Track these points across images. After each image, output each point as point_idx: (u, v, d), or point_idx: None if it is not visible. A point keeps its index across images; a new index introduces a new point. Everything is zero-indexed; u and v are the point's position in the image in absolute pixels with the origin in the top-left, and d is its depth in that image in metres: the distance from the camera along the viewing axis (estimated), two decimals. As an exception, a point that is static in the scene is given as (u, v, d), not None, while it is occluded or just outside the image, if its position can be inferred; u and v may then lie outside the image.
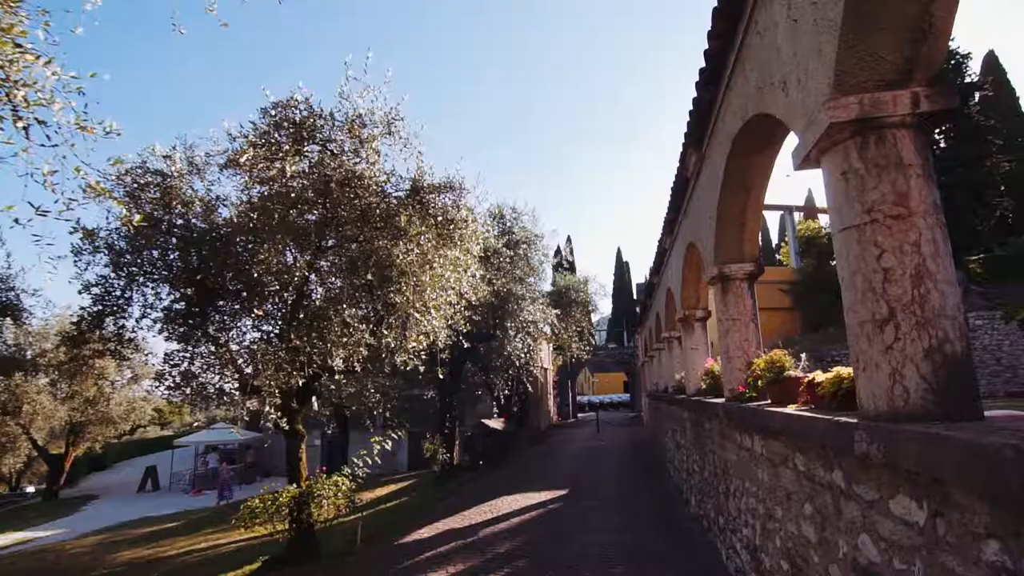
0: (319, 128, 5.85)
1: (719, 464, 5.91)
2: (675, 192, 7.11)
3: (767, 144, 4.35)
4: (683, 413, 8.77)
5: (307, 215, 6.40)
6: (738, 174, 4.77)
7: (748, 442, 4.50)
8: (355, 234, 6.57)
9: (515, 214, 13.48)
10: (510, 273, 12.81)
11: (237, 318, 7.68)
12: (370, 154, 5.92)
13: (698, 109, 5.07)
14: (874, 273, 2.29)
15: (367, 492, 14.53)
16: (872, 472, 2.26)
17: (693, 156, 5.85)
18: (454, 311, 8.34)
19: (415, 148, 6.14)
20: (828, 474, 2.78)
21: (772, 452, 3.78)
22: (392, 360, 6.93)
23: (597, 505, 9.24)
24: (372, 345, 7.28)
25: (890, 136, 2.35)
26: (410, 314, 6.12)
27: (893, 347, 2.20)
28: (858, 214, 2.37)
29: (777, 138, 4.19)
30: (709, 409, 6.09)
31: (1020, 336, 17.05)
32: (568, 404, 36.62)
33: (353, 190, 6.04)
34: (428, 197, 6.27)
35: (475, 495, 10.98)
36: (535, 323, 14.08)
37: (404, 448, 24.62)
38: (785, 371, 4.36)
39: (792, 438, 3.26)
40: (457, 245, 6.34)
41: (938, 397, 2.10)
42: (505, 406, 18.34)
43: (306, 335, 6.77)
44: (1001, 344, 17.03)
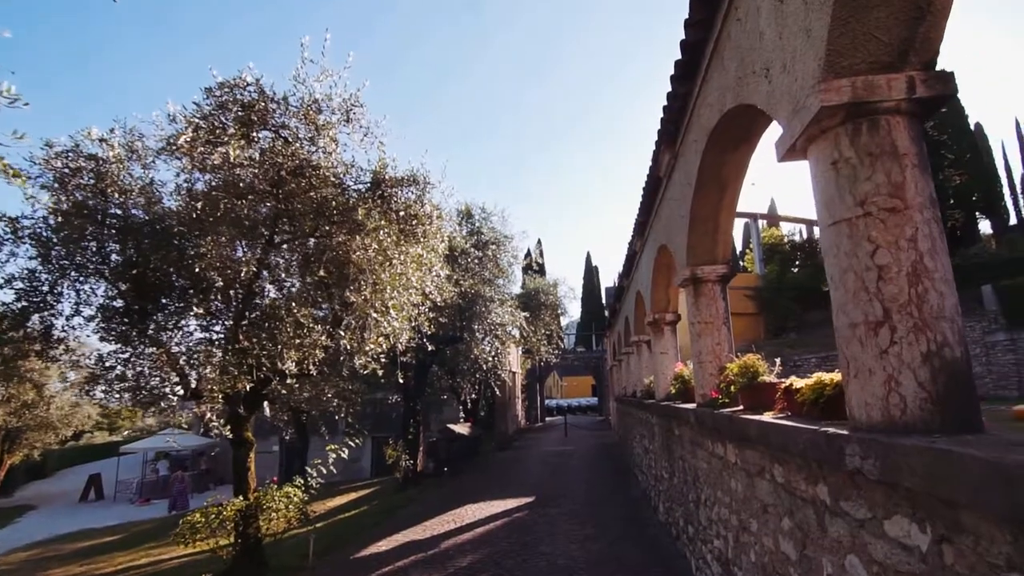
0: (271, 112, 5.41)
1: (689, 471, 5.74)
2: (647, 192, 6.96)
3: (744, 140, 4.20)
4: (652, 418, 8.63)
5: (258, 207, 5.94)
6: (713, 172, 4.61)
7: (721, 450, 4.32)
8: (311, 228, 6.14)
9: (484, 214, 13.21)
10: (478, 274, 12.50)
11: (181, 317, 7.12)
12: (327, 143, 5.52)
13: (672, 104, 4.90)
14: (867, 271, 2.09)
15: (326, 501, 13.94)
16: (864, 489, 2.06)
17: (666, 154, 5.69)
18: (418, 312, 7.98)
19: (376, 138, 5.78)
20: (811, 488, 2.59)
21: (747, 462, 3.60)
22: (351, 363, 6.51)
23: (564, 513, 9.01)
24: (329, 347, 6.85)
25: (884, 123, 2.17)
26: (368, 314, 5.73)
27: (888, 352, 2.01)
28: (850, 207, 2.18)
29: (755, 133, 4.03)
30: (679, 415, 5.93)
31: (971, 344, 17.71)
32: (537, 408, 36.44)
33: (308, 181, 5.62)
34: (390, 191, 5.90)
35: (438, 503, 10.58)
36: (503, 326, 13.80)
37: (367, 454, 23.92)
38: (759, 376, 4.21)
39: (770, 448, 3.07)
40: (420, 242, 5.99)
41: (937, 407, 1.91)
42: (472, 410, 17.97)
43: (255, 336, 6.30)
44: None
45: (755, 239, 27.90)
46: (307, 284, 7.36)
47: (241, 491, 7.27)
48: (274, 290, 7.02)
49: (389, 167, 6.08)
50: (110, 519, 18.37)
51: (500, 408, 21.19)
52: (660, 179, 6.33)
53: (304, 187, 5.64)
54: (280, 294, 6.78)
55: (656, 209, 7.12)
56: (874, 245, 2.09)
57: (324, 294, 6.82)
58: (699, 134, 4.50)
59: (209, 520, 6.82)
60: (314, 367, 6.95)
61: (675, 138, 5.35)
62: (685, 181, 5.16)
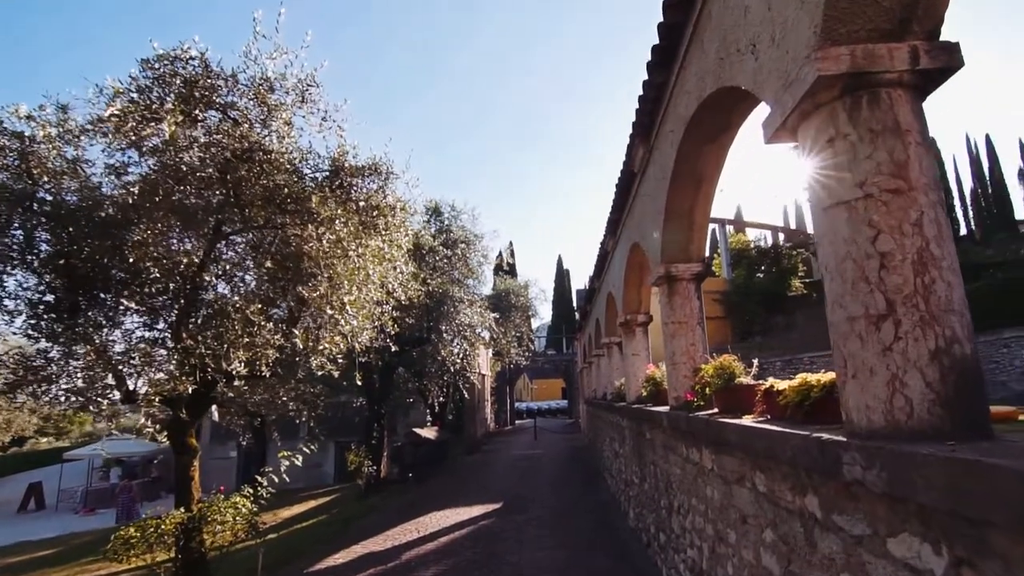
0: (217, 90, 4.96)
1: (661, 477, 5.54)
2: (620, 189, 6.77)
3: (722, 130, 4.01)
4: (622, 421, 8.44)
5: (204, 194, 5.45)
6: (689, 165, 4.42)
7: (696, 456, 4.11)
8: (264, 219, 5.69)
9: (454, 212, 12.85)
10: (447, 273, 12.14)
11: (119, 313, 6.53)
12: (281, 126, 5.10)
13: (648, 94, 4.69)
14: (868, 259, 1.88)
15: (283, 510, 13.30)
16: (864, 502, 1.84)
17: (640, 148, 5.50)
18: (381, 311, 7.57)
19: (335, 123, 5.38)
20: (799, 499, 2.37)
21: (725, 468, 3.38)
22: (307, 364, 6.07)
23: (533, 519, 8.73)
24: (284, 347, 6.40)
25: (885, 96, 1.97)
26: (324, 311, 5.32)
27: (892, 348, 1.79)
28: (848, 188, 1.96)
29: (734, 121, 3.85)
30: (652, 418, 5.72)
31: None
32: (506, 411, 36.12)
33: (259, 166, 5.19)
34: (350, 180, 5.51)
35: (401, 511, 10.15)
36: (472, 327, 13.46)
37: (330, 459, 23.10)
38: (736, 378, 4.03)
39: (752, 454, 2.85)
40: (382, 235, 5.61)
41: (947, 410, 1.71)
42: (440, 414, 17.54)
43: (200, 335, 5.80)
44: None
45: (723, 244, 28.35)
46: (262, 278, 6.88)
47: (183, 502, 6.72)
48: (224, 285, 6.51)
49: (350, 155, 5.69)
50: (49, 531, 17.12)
51: (469, 411, 20.80)
52: (634, 174, 6.14)
53: (255, 173, 5.20)
54: (229, 289, 6.28)
55: (629, 206, 6.93)
56: (875, 230, 1.88)
57: (278, 290, 6.37)
58: (676, 124, 4.31)
59: (146, 534, 6.26)
60: (267, 368, 6.48)
61: (650, 130, 5.16)
62: (660, 175, 4.97)
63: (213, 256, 5.86)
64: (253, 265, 6.38)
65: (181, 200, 5.26)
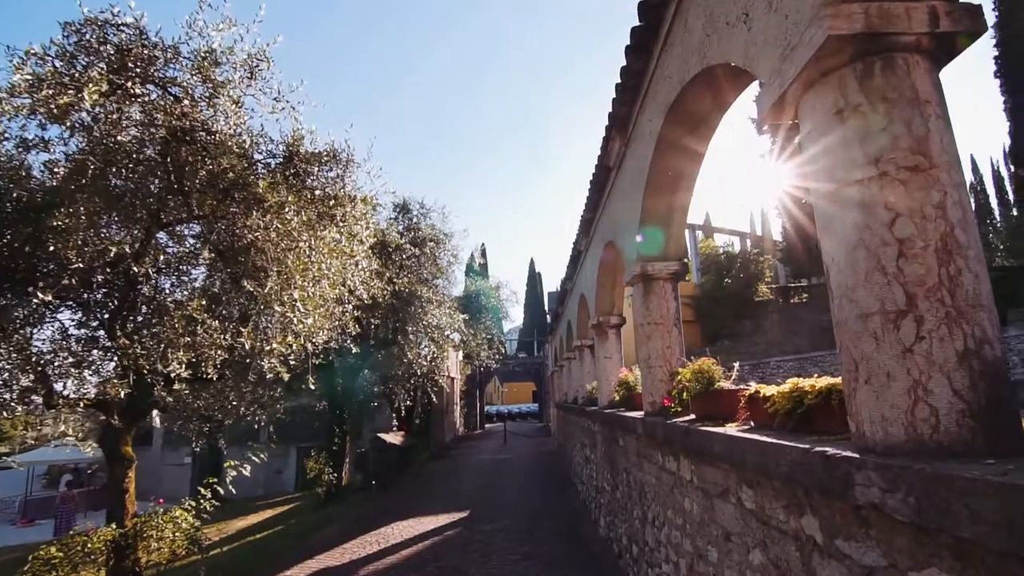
0: (156, 62, 4.46)
1: (635, 486, 5.28)
2: (594, 186, 6.52)
3: (705, 119, 3.78)
4: (594, 426, 8.19)
5: (141, 178, 4.93)
6: (669, 157, 4.19)
7: (673, 465, 3.85)
8: (211, 207, 5.19)
9: (423, 210, 12.42)
10: (415, 273, 11.69)
11: (47, 308, 5.91)
12: (228, 105, 4.63)
13: (626, 82, 4.44)
14: (884, 246, 1.63)
15: (236, 520, 12.58)
16: (878, 529, 1.58)
17: (617, 141, 5.25)
18: (342, 310, 7.12)
19: (289, 104, 4.94)
20: (794, 519, 2.11)
21: (706, 480, 3.12)
22: (258, 365, 5.59)
23: (500, 529, 8.38)
24: (234, 347, 5.90)
25: (901, 62, 1.73)
26: (272, 308, 4.87)
27: (914, 350, 1.54)
28: (860, 166, 1.71)
29: (717, 106, 3.61)
30: (625, 424, 5.47)
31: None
32: (476, 415, 35.64)
33: (203, 148, 4.71)
34: (304, 167, 5.07)
35: (363, 521, 9.65)
36: (441, 329, 13.04)
37: (292, 466, 22.20)
38: (715, 382, 3.80)
39: (738, 467, 2.59)
40: (338, 226, 5.18)
41: (979, 422, 1.46)
42: (406, 418, 17.01)
43: (135, 334, 5.27)
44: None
45: (693, 249, 28.67)
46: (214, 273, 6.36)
47: (116, 517, 6.12)
48: (165, 279, 5.96)
49: (306, 140, 5.26)
50: (-22, 546, 15.82)
51: (437, 415, 20.30)
52: (609, 169, 5.90)
53: (199, 156, 4.72)
54: (171, 284, 5.75)
55: (604, 204, 6.69)
56: (893, 213, 1.62)
57: (227, 285, 5.87)
58: (655, 114, 4.06)
59: (71, 553, 5.65)
60: (213, 370, 5.95)
61: (627, 122, 4.91)
62: (637, 169, 4.73)
63: (152, 247, 5.32)
64: (199, 258, 5.85)
65: (115, 183, 4.74)
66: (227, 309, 6.32)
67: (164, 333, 5.10)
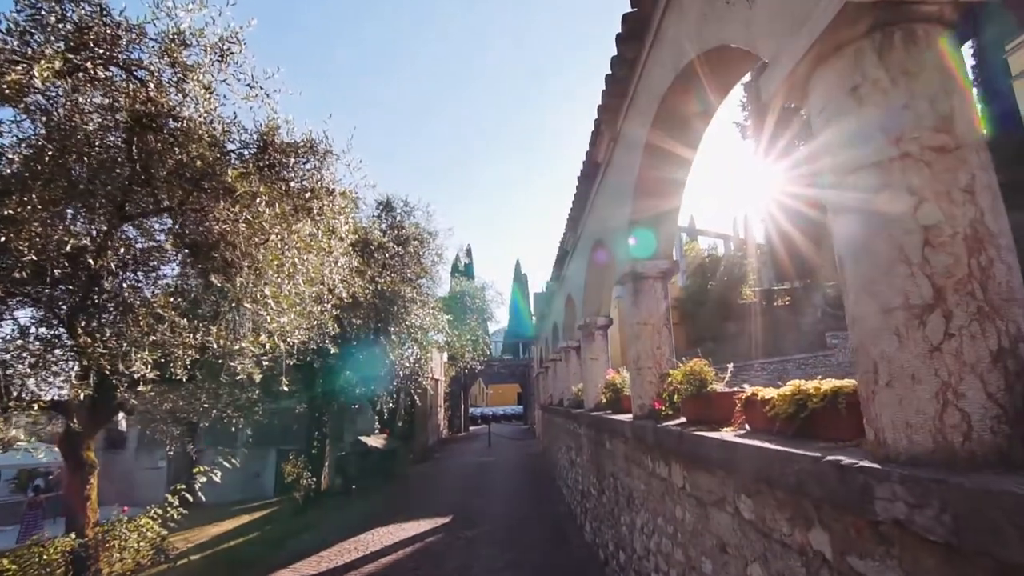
0: (118, 42, 4.18)
1: (622, 491, 5.12)
2: (582, 182, 6.36)
3: (699, 109, 3.64)
4: (580, 429, 8.03)
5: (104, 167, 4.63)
6: (662, 151, 4.04)
7: (663, 471, 3.69)
8: (180, 198, 4.91)
9: (407, 208, 12.16)
10: (398, 272, 11.43)
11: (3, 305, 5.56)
12: (198, 91, 4.36)
13: (617, 72, 4.28)
14: (908, 234, 1.47)
15: (211, 526, 12.16)
16: (902, 548, 1.42)
17: (606, 135, 5.09)
18: (322, 309, 6.86)
19: (263, 91, 4.67)
20: (799, 533, 1.95)
21: (700, 488, 2.97)
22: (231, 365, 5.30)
23: (483, 535, 8.16)
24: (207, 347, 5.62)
25: (922, 33, 1.58)
26: (242, 305, 4.60)
27: (943, 348, 1.38)
28: (880, 147, 1.56)
29: (715, 94, 3.46)
30: (613, 427, 5.31)
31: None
32: (460, 417, 35.32)
33: (171, 135, 4.44)
34: (279, 157, 4.81)
35: (341, 528, 9.35)
36: (425, 329, 12.79)
37: (271, 469, 21.66)
38: (707, 384, 3.65)
39: (736, 475, 2.43)
40: (315, 220, 4.93)
41: (1016, 430, 1.31)
42: (389, 421, 16.70)
43: (97, 332, 4.96)
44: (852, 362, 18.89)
45: (678, 251, 28.78)
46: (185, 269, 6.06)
47: (76, 526, 5.78)
48: (131, 275, 5.64)
49: (282, 130, 5.00)
50: (-65, 555, 15.09)
51: (420, 418, 19.99)
52: (598, 165, 5.74)
53: (166, 144, 4.44)
54: (136, 280, 5.44)
55: (592, 200, 6.54)
56: (917, 198, 1.47)
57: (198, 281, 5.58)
58: (648, 103, 3.91)
59: (25, 565, 5.31)
60: (183, 371, 5.66)
61: (617, 115, 4.75)
62: (628, 164, 4.58)
63: (117, 240, 5.02)
64: (167, 253, 5.56)
65: (75, 172, 4.44)
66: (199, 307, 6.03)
67: (128, 331, 4.80)
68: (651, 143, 3.99)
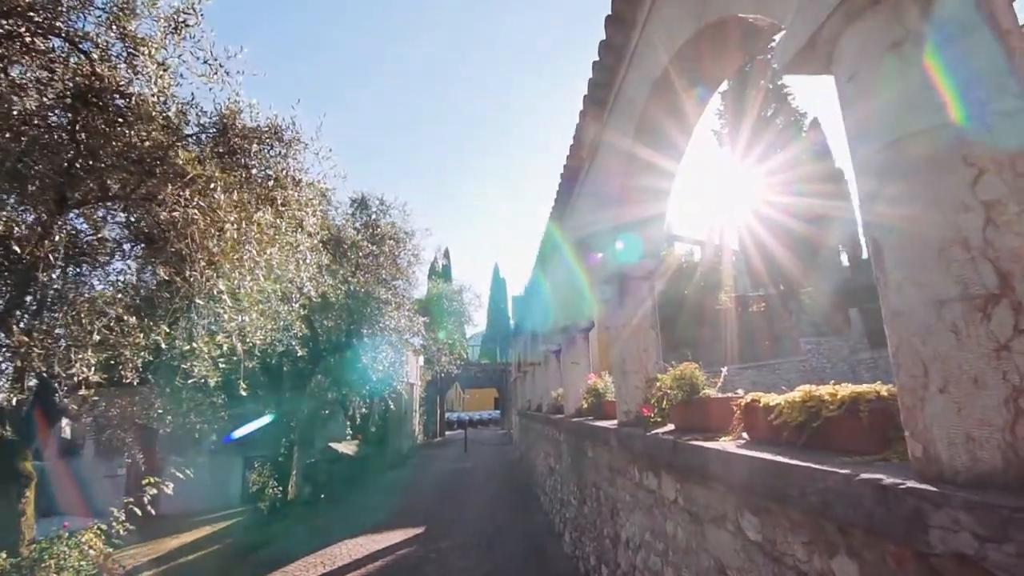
0: (58, 9, 3.75)
1: (605, 502, 4.87)
2: (566, 177, 6.13)
3: (692, 96, 3.43)
4: (560, 435, 7.77)
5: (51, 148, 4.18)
6: (652, 137, 3.83)
7: (652, 482, 3.45)
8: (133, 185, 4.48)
9: (383, 206, 11.74)
10: (373, 272, 11.02)
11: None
12: (150, 67, 3.96)
13: (605, 59, 4.06)
14: (964, 212, 1.24)
15: (170, 539, 11.50)
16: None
17: (592, 127, 4.86)
18: (288, 308, 6.45)
19: (222, 68, 4.27)
20: (820, 560, 1.71)
21: (696, 503, 2.72)
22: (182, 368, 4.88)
23: (458, 547, 7.81)
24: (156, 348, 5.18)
25: (974, -18, 1.37)
26: (192, 300, 4.20)
27: (1011, 347, 1.15)
28: (927, 111, 1.33)
29: (710, 79, 3.25)
30: (596, 434, 5.06)
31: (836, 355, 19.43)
32: (436, 422, 34.74)
33: (120, 115, 4.03)
34: (240, 143, 4.43)
35: (308, 540, 8.88)
36: (400, 332, 12.38)
37: (237, 477, 20.84)
38: (699, 389, 3.43)
39: (741, 490, 2.19)
40: (278, 210, 4.55)
41: (1106, 445, 1.08)
42: (362, 426, 16.17)
43: (34, 330, 4.50)
44: (825, 367, 19.20)
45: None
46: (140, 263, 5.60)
47: (8, 544, 5.24)
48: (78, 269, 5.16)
49: (245, 114, 4.62)
50: None
51: (394, 423, 19.48)
52: (583, 159, 5.51)
53: (114, 124, 4.03)
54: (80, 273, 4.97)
55: (576, 197, 6.31)
56: (975, 169, 1.24)
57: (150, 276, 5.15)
58: (638, 90, 3.69)
59: (-55, 592, 4.77)
60: (133, 374, 5.20)
61: (604, 104, 4.53)
62: (615, 154, 4.35)
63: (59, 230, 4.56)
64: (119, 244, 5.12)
65: (8, 153, 3.99)
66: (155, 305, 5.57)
67: (68, 330, 4.35)
68: (642, 129, 3.78)
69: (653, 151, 3.92)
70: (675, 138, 3.82)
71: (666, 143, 3.85)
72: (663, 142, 3.84)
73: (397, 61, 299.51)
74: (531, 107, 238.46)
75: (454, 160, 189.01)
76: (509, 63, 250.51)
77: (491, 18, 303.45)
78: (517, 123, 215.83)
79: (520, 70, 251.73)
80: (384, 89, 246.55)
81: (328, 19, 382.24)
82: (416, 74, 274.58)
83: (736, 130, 26.25)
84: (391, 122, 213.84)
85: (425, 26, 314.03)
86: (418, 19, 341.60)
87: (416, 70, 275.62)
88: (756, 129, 25.81)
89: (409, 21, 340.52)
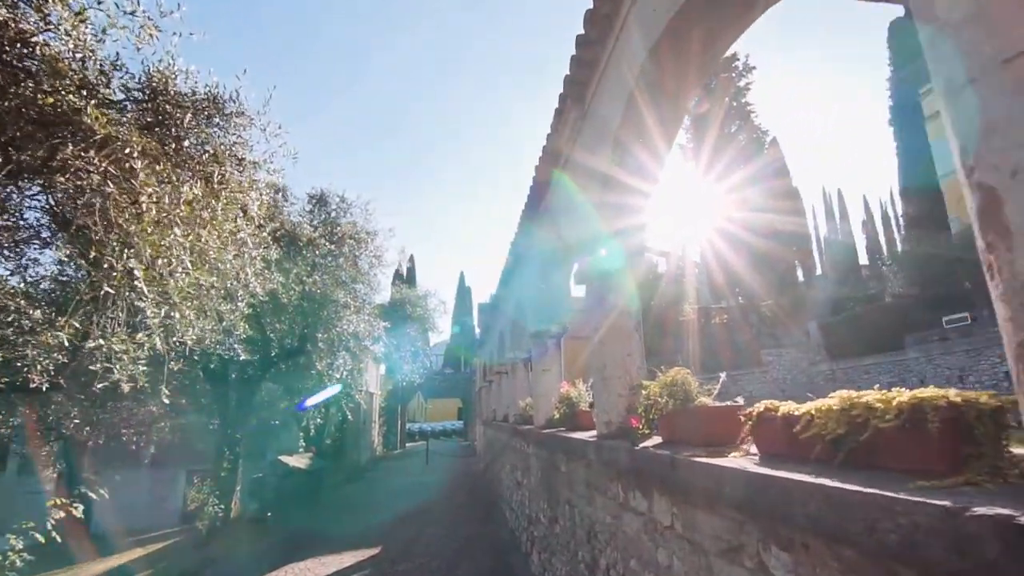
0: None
1: (581, 523, 4.43)
2: (541, 171, 5.74)
3: (688, 78, 3.09)
4: (528, 448, 7.32)
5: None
6: (640, 124, 3.48)
7: (641, 503, 3.04)
8: (43, 157, 3.80)
9: (343, 204, 11.09)
10: (331, 273, 10.34)
11: None
12: (64, 15, 3.34)
13: (589, 35, 3.70)
14: None
15: (96, 564, 10.40)
16: None
17: (572, 112, 4.50)
18: (232, 307, 5.79)
19: (151, 22, 3.67)
20: (889, 616, 1.31)
21: (700, 530, 2.32)
22: (90, 370, 4.19)
23: (417, 568, 7.23)
24: (73, 348, 4.47)
25: None
26: (105, 290, 3.55)
27: None
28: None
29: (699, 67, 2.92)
30: (571, 447, 4.63)
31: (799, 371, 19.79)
32: (397, 433, 33.64)
33: (25, 72, 3.38)
34: (170, 109, 3.84)
35: (250, 564, 8.09)
36: (359, 338, 11.69)
37: (179, 493, 19.36)
38: (693, 398, 3.06)
39: (767, 518, 1.80)
40: (215, 191, 3.95)
41: None
42: (316, 438, 15.26)
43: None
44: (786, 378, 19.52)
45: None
46: (56, 251, 4.86)
47: None
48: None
49: (179, 79, 4.02)
50: None
51: (352, 434, 18.56)
52: (559, 155, 5.14)
53: (18, 83, 3.37)
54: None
55: (551, 193, 5.94)
56: None
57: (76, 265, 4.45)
58: (625, 71, 3.34)
59: None
60: (43, 377, 4.47)
61: (585, 89, 4.17)
62: (598, 140, 3.99)
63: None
64: (25, 228, 4.39)
65: None
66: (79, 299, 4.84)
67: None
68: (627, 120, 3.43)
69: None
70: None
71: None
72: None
73: (381, 59, 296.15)
74: (504, 116, 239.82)
75: (416, 170, 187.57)
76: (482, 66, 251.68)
77: (462, 31, 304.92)
78: (487, 132, 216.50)
79: (503, 77, 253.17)
80: (365, 87, 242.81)
81: (290, 19, 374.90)
82: (387, 78, 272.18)
83: (700, 145, 26.79)
84: (361, 130, 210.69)
85: (397, 31, 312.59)
86: (384, 27, 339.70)
87: (390, 73, 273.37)
88: (719, 145, 26.41)
89: (373, 31, 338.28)
